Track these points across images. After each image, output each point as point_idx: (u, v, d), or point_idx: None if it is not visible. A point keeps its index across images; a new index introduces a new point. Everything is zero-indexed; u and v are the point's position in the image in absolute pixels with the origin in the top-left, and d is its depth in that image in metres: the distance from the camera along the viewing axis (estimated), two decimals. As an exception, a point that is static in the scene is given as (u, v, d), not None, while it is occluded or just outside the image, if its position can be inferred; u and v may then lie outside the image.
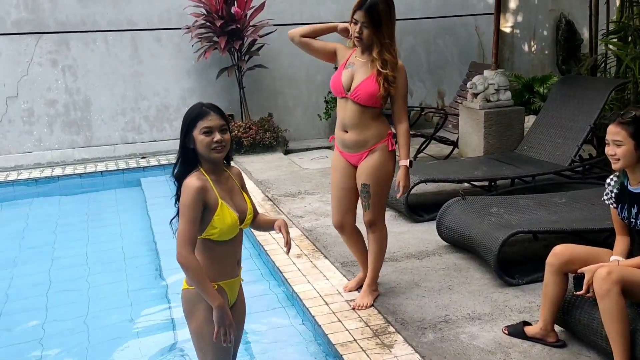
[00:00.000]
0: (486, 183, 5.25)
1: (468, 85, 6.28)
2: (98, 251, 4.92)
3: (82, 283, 4.32)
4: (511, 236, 3.63)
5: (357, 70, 3.26)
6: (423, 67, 8.50)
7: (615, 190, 2.83)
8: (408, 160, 3.34)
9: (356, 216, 3.53)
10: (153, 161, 7.19)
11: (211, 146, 2.31)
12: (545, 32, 9.19)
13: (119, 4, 7.16)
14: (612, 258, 2.77)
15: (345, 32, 3.37)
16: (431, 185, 5.38)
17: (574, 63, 8.91)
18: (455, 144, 6.54)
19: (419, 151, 6.59)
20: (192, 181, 2.30)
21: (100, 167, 7.03)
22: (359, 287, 3.60)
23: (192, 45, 7.21)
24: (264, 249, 4.37)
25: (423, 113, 7.21)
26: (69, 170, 6.95)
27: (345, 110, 3.30)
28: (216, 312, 2.28)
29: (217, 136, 2.31)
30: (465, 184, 5.36)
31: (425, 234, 4.53)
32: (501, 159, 5.58)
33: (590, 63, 7.32)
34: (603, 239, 3.89)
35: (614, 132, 2.68)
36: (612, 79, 6.80)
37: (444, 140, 6.60)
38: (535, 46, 9.19)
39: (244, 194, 2.49)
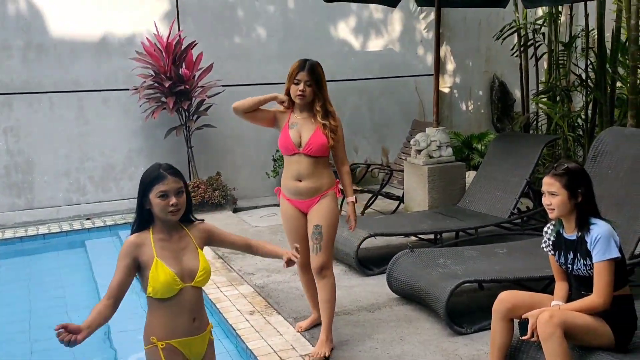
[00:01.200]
0: (432, 236, 5.42)
1: (411, 142, 6.54)
2: (41, 316, 4.76)
3: (25, 349, 4.16)
4: (458, 286, 3.75)
5: (301, 127, 3.53)
6: (367, 125, 8.78)
7: (552, 238, 3.01)
8: (354, 196, 3.70)
9: None
10: (98, 222, 7.07)
11: (167, 209, 2.38)
12: (480, 92, 9.70)
13: (64, 65, 7.17)
14: (553, 303, 2.91)
15: (283, 101, 3.61)
16: (379, 239, 5.52)
17: (507, 121, 9.41)
18: (401, 199, 6.74)
19: (366, 207, 6.74)
20: (129, 240, 2.43)
21: (43, 229, 6.84)
22: (312, 327, 3.82)
23: (140, 106, 7.25)
24: (216, 306, 4.34)
25: (369, 169, 7.42)
26: (9, 233, 6.74)
27: (299, 164, 3.53)
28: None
29: (173, 199, 2.39)
30: (412, 237, 5.52)
31: (376, 287, 4.61)
32: (445, 212, 5.78)
33: (523, 121, 7.77)
34: (543, 286, 4.07)
35: (549, 183, 2.87)
36: (544, 135, 7.23)
37: (390, 196, 6.78)
38: (471, 105, 9.67)
39: (200, 252, 2.52)
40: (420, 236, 5.49)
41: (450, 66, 9.43)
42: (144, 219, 2.44)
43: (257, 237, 6.10)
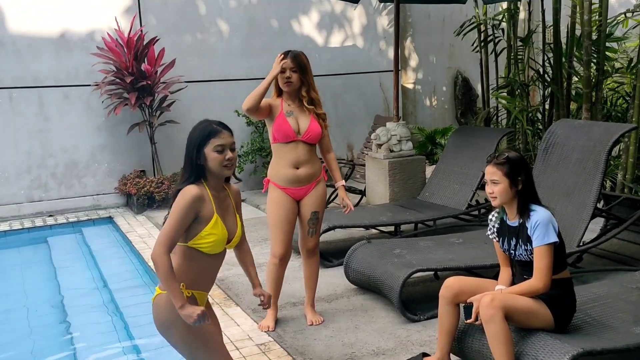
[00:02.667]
0: (392, 228, 5.51)
1: (372, 136, 6.63)
2: (1, 313, 4.72)
3: (-18, 346, 4.13)
4: (411, 274, 3.84)
5: (298, 116, 3.67)
6: (332, 121, 8.80)
7: (496, 225, 3.11)
8: (343, 180, 3.91)
9: None
10: (61, 219, 7.01)
11: (223, 163, 2.44)
12: (444, 88, 9.84)
13: (24, 61, 7.09)
14: (497, 287, 3.01)
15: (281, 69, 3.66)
16: (340, 232, 5.59)
17: (471, 116, 9.57)
18: (363, 193, 6.82)
19: (328, 201, 6.81)
20: (192, 189, 2.40)
21: (4, 226, 6.76)
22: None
23: (102, 102, 7.21)
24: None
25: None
26: (-32, 231, 6.65)
27: (296, 151, 3.67)
28: (180, 312, 2.34)
29: (229, 154, 2.45)
30: (372, 230, 5.60)
31: (335, 278, 4.68)
32: (405, 205, 5.88)
33: (484, 115, 7.92)
34: (494, 274, 4.16)
35: (491, 172, 2.97)
36: (500, 129, 7.38)
37: (352, 190, 6.86)
38: (435, 101, 9.81)
39: (237, 216, 2.58)
40: (381, 228, 5.58)
41: (414, 62, 9.55)
42: (197, 174, 2.45)
43: (220, 231, 6.14)
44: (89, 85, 7.21)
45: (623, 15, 6.50)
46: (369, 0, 8.80)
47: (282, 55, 3.65)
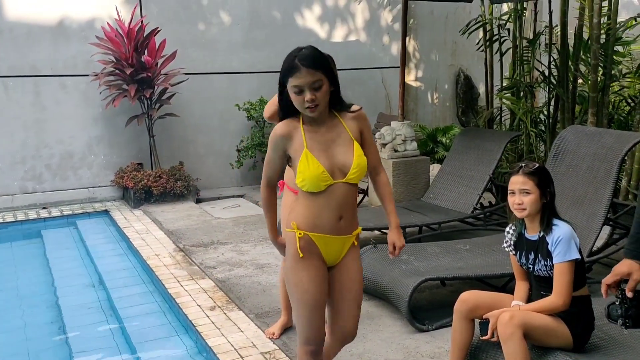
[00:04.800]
0: (395, 230, 5.41)
1: (376, 135, 6.52)
2: (-7, 309, 4.61)
3: (-25, 345, 4.01)
4: (421, 283, 3.75)
5: None
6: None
7: (513, 239, 3.01)
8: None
9: None
10: (55, 212, 6.88)
11: (304, 105, 2.24)
12: (446, 86, 9.74)
13: (21, 49, 6.92)
14: (514, 303, 2.92)
15: None
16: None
17: (472, 115, 9.49)
18: (365, 193, 6.72)
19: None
20: (278, 127, 2.33)
21: (-3, 218, 6.63)
22: (283, 332, 3.71)
23: (100, 93, 7.06)
24: (175, 302, 4.26)
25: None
26: (-39, 222, 6.51)
27: None
28: (276, 246, 2.51)
29: (308, 95, 2.21)
30: (376, 232, 5.51)
31: (338, 282, 4.58)
32: (409, 207, 5.79)
33: (487, 116, 7.83)
34: (504, 283, 4.10)
35: (521, 181, 2.85)
36: (507, 131, 7.30)
37: (354, 189, 6.75)
38: (437, 98, 9.71)
39: (356, 145, 2.36)
40: (384, 231, 5.48)
41: (416, 59, 9.44)
42: (287, 108, 2.32)
43: (219, 229, 6.04)
44: (87, 75, 7.05)
45: (634, 20, 6.41)
46: (374, -5, 8.67)
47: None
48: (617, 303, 2.17)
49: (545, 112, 7.42)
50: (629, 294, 2.15)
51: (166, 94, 7.15)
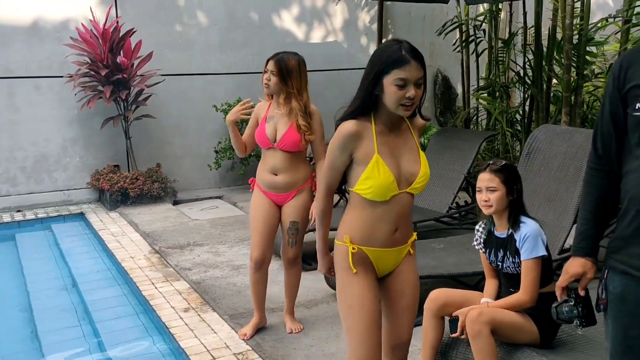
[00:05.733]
0: (372, 230, 5.43)
1: (353, 136, 6.54)
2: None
3: (-55, 350, 3.95)
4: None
5: (278, 122, 3.54)
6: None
7: (483, 236, 3.04)
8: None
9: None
10: (30, 215, 6.80)
11: (401, 101, 2.07)
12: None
13: (-6, 50, 6.84)
14: (483, 300, 2.95)
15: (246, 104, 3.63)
16: (320, 233, 5.49)
17: (450, 115, 9.55)
18: (343, 193, 6.73)
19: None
20: (348, 125, 2.13)
21: (-30, 221, 6.54)
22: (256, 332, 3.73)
23: (75, 94, 6.99)
24: (149, 304, 4.23)
25: (311, 163, 7.37)
26: None
27: (274, 158, 3.56)
28: (322, 261, 2.35)
29: (411, 91, 2.06)
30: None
31: (315, 282, 4.58)
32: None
33: (464, 116, 7.90)
34: (477, 281, 4.13)
35: (488, 179, 2.88)
36: (482, 131, 7.36)
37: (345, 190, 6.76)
38: (415, 99, 9.75)
39: (421, 153, 2.24)
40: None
41: (394, 60, 9.47)
42: (367, 105, 2.13)
43: (196, 231, 6.02)
44: (62, 76, 6.98)
45: (605, 21, 6.50)
46: (351, -3, 8.69)
47: (271, 57, 3.56)
48: (571, 304, 2.18)
49: (521, 112, 7.50)
50: (582, 293, 2.17)
51: (142, 95, 7.10)
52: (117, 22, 6.94)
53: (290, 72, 3.50)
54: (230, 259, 5.19)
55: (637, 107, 1.82)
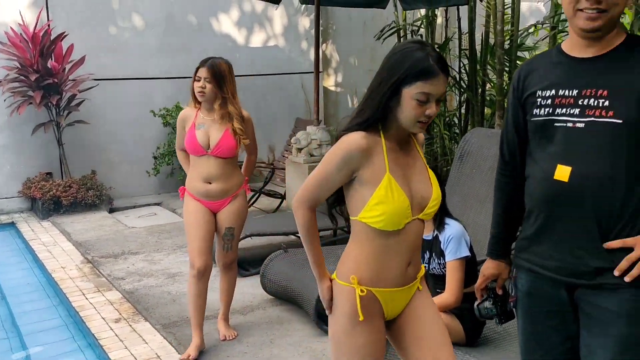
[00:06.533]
0: (311, 234, 5.43)
1: (292, 140, 6.54)
2: None
3: None
4: (328, 286, 3.78)
5: (209, 128, 3.48)
6: (254, 122, 8.67)
7: (411, 239, 3.09)
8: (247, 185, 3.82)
9: None
10: (-43, 225, 6.51)
11: (419, 118, 1.79)
12: (365, 91, 9.88)
13: None
14: (411, 302, 2.99)
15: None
16: (260, 238, 5.47)
17: (391, 119, 9.68)
18: (283, 197, 6.73)
19: (248, 205, 6.65)
20: (356, 138, 1.78)
21: None
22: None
23: (5, 100, 6.74)
24: (79, 316, 4.11)
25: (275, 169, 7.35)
26: None
27: (208, 166, 3.49)
28: (320, 291, 1.94)
29: (433, 108, 1.79)
30: (292, 237, 5.51)
31: (251, 288, 4.56)
32: (324, 210, 5.79)
33: (403, 119, 8.01)
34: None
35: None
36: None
37: (272, 194, 6.75)
38: (357, 103, 9.85)
39: (430, 172, 1.96)
40: (299, 235, 5.48)
41: (335, 64, 9.54)
42: (378, 116, 1.82)
43: (131, 239, 5.88)
44: (-10, 81, 6.72)
45: (534, 27, 6.72)
46: (291, 1, 8.70)
47: (200, 62, 3.48)
48: (491, 303, 2.25)
49: (458, 115, 7.66)
50: (500, 292, 2.24)
51: (75, 101, 6.91)
52: (48, 25, 6.73)
53: (224, 77, 3.47)
54: (166, 266, 5.10)
55: (534, 113, 1.91)
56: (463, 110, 7.49)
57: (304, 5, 8.84)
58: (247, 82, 8.52)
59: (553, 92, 1.89)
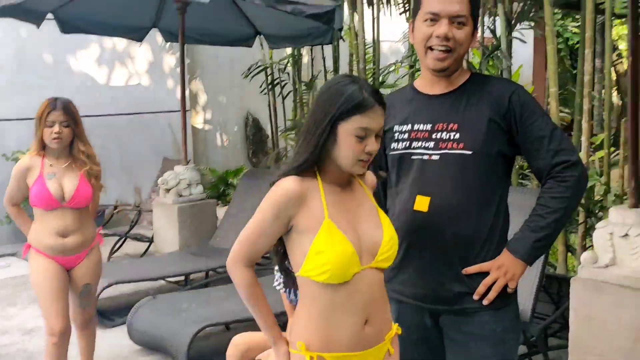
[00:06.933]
0: (182, 278, 5.25)
1: (159, 181, 6.33)
2: None
3: None
4: (200, 330, 3.65)
5: (62, 177, 3.18)
6: (116, 163, 8.30)
7: (282, 276, 3.05)
8: None
9: None
10: None
11: (359, 157, 1.62)
12: (235, 128, 9.87)
13: None
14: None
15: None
16: (127, 286, 5.17)
17: (262, 156, 9.71)
18: (151, 241, 6.45)
19: (112, 252, 6.31)
20: (289, 183, 1.61)
21: None
22: None
23: None
24: None
25: (116, 211, 7.00)
26: None
27: (63, 219, 3.18)
28: (275, 351, 1.68)
29: (373, 144, 1.62)
30: (161, 281, 5.29)
31: (118, 339, 4.27)
32: (196, 252, 5.67)
33: (274, 156, 8.07)
34: (286, 320, 4.15)
35: None
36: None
37: (139, 238, 6.46)
38: (227, 141, 9.78)
39: (382, 214, 1.75)
40: (169, 279, 5.28)
41: (203, 102, 9.44)
42: (314, 159, 1.63)
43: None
44: None
45: (394, 66, 7.10)
46: (154, 38, 8.53)
47: (47, 104, 3.14)
48: None
49: (326, 151, 7.86)
50: None
51: None
52: None
53: (77, 118, 3.23)
54: (22, 321, 4.67)
55: (393, 147, 2.00)
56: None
57: (168, 43, 8.71)
58: (111, 122, 8.19)
59: (409, 126, 1.99)
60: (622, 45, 9.71)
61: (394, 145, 2.00)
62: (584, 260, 3.08)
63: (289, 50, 8.11)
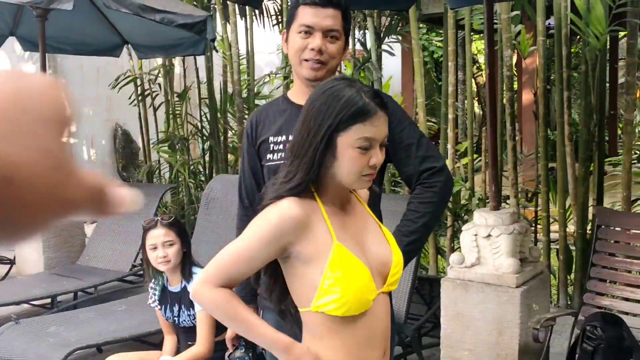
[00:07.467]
0: (48, 300, 4.90)
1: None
2: None
3: None
4: (68, 355, 3.41)
5: None
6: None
7: (157, 293, 2.95)
8: None
9: None
10: None
11: (364, 171, 1.40)
12: (103, 142, 9.42)
13: None
14: (162, 358, 2.85)
15: None
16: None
17: (133, 169, 9.35)
18: (12, 262, 5.97)
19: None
20: (289, 206, 1.36)
21: None
22: None
23: None
24: None
25: None
26: None
27: None
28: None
29: (378, 156, 1.40)
30: (25, 305, 4.90)
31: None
32: (62, 273, 5.32)
33: (145, 170, 7.79)
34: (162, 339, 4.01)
35: (164, 234, 2.80)
36: (163, 184, 7.36)
37: (-1, 260, 5.96)
38: (94, 154, 9.31)
39: (385, 231, 1.55)
40: (34, 303, 4.91)
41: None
42: (312, 178, 1.39)
43: None
44: None
45: (268, 76, 7.14)
46: (12, 47, 7.94)
47: None
48: (242, 350, 2.26)
49: (202, 163, 7.71)
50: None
51: None
52: None
53: None
54: None
55: (268, 158, 2.00)
56: (207, 158, 7.57)
57: (27, 52, 8.15)
58: None
59: (284, 137, 1.99)
60: (482, 59, 10.49)
61: (269, 156, 2.00)
62: (452, 261, 3.26)
63: (159, 61, 7.89)
